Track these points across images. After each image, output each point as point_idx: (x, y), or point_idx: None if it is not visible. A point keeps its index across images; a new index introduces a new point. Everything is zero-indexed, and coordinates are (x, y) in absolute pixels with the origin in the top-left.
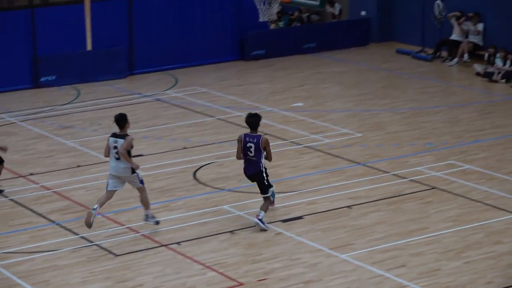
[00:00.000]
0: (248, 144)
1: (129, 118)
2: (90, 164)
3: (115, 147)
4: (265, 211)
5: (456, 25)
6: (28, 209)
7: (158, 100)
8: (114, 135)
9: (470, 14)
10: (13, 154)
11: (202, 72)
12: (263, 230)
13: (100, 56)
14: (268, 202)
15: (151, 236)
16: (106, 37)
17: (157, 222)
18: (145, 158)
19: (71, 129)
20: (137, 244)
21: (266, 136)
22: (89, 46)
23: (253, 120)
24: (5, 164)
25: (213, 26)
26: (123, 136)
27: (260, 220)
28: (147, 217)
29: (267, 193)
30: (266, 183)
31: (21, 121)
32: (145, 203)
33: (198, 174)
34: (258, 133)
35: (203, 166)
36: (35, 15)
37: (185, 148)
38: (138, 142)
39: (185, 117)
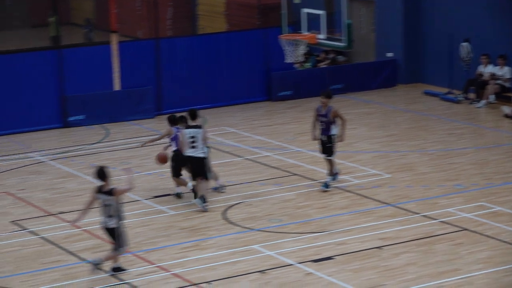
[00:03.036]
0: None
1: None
2: (120, 203)
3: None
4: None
5: (483, 67)
6: (59, 247)
7: None
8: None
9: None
10: (42, 192)
11: (229, 112)
12: None
13: (128, 96)
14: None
15: (182, 275)
16: (134, 77)
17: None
18: (175, 197)
19: None
20: (167, 282)
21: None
22: (117, 86)
23: None
24: (35, 202)
25: (240, 66)
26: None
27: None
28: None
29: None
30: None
31: (50, 160)
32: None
33: (227, 214)
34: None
35: (232, 205)
36: (63, 55)
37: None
38: (168, 181)
39: (213, 157)
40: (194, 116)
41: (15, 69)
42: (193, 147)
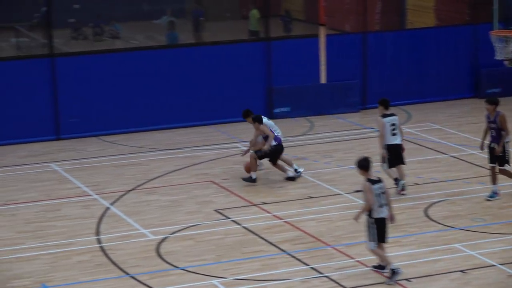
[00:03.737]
0: None
1: (361, 152)
2: (322, 196)
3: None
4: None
5: None
6: (260, 237)
7: None
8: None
9: None
10: (247, 183)
11: (435, 108)
12: None
13: (334, 90)
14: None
15: (380, 271)
16: (340, 71)
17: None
18: None
19: (303, 160)
20: (366, 278)
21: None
22: (323, 80)
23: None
24: (238, 192)
25: (447, 63)
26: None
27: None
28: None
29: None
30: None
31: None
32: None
33: (429, 211)
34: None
35: (434, 203)
36: (271, 47)
37: (416, 184)
38: None
39: (417, 153)
40: (387, 105)
41: (226, 60)
42: (393, 134)
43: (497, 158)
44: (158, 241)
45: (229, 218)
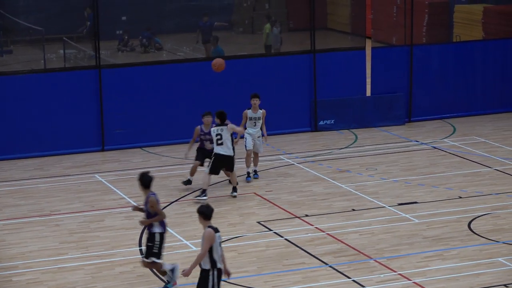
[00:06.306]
0: None
1: (405, 165)
2: (365, 209)
3: None
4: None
5: None
6: (302, 249)
7: (435, 148)
8: None
9: None
10: (289, 195)
11: (480, 121)
12: None
13: (379, 102)
14: None
15: (423, 284)
16: (386, 84)
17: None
18: (420, 205)
19: (347, 173)
20: None
21: None
22: (368, 92)
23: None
24: (281, 204)
25: (494, 76)
26: None
27: None
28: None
29: None
30: None
31: (298, 163)
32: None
33: (473, 225)
34: None
35: (478, 216)
36: (316, 60)
37: (460, 197)
38: (413, 188)
39: (462, 167)
40: (224, 118)
41: (271, 73)
42: (218, 144)
43: None
44: None
45: (271, 230)
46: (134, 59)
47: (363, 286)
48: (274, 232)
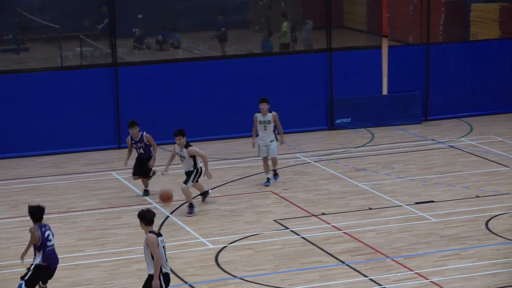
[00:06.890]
0: None
1: (422, 164)
2: (381, 208)
3: None
4: None
5: None
6: (319, 248)
7: (452, 147)
8: None
9: None
10: (306, 193)
11: (497, 120)
12: None
13: (395, 101)
14: None
15: (440, 284)
16: (402, 82)
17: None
18: (437, 204)
19: (363, 171)
20: None
21: None
22: (384, 91)
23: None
24: (297, 203)
25: (511, 74)
26: None
27: None
28: None
29: None
30: None
31: (315, 162)
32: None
33: (490, 224)
34: None
35: (495, 216)
36: (332, 58)
37: (477, 196)
38: (431, 187)
39: (479, 166)
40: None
41: (287, 71)
42: None
43: None
44: (216, 250)
45: (288, 228)
46: (151, 57)
47: (380, 285)
48: (291, 230)
